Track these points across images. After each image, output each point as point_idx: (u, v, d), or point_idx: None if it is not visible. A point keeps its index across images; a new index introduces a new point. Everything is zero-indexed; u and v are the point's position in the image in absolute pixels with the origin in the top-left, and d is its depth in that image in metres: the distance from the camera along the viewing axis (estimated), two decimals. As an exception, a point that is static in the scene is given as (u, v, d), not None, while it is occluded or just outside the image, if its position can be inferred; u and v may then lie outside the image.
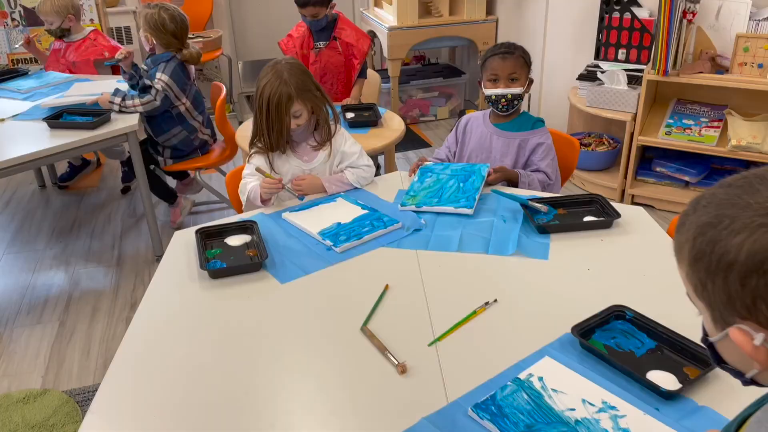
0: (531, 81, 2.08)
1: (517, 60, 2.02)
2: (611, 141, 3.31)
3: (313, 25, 2.94)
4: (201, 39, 4.28)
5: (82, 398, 2.05)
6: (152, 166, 2.95)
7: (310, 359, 1.29)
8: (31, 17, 3.99)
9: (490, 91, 2.03)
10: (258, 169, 1.90)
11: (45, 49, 3.58)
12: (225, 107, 2.91)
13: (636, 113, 3.01)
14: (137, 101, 2.67)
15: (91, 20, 4.03)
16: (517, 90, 2.01)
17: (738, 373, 0.69)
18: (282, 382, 1.23)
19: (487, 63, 2.05)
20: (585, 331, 1.29)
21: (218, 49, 4.42)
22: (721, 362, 0.70)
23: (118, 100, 2.65)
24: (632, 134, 3.02)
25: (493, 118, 2.14)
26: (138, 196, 3.48)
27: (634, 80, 3.06)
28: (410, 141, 4.07)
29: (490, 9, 4.13)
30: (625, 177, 3.13)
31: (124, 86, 2.85)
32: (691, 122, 3.00)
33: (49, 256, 2.93)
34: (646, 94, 2.95)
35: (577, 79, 3.25)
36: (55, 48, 3.38)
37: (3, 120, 2.67)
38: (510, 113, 2.08)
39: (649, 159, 3.21)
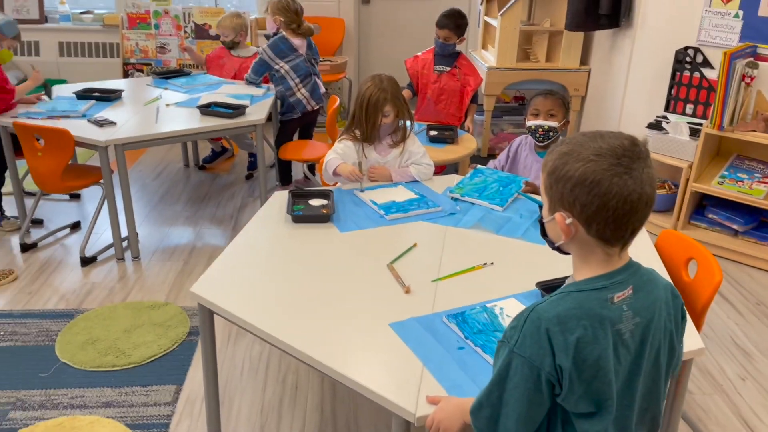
0: (567, 122, 2.53)
1: (556, 100, 2.49)
2: (672, 186, 3.60)
3: (439, 48, 3.55)
4: (329, 62, 5.03)
5: (191, 313, 2.71)
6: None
7: (351, 277, 1.83)
8: (199, 31, 4.95)
9: (530, 123, 2.51)
10: (359, 164, 2.46)
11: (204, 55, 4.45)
12: (336, 114, 3.56)
13: (693, 162, 3.31)
14: None
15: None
16: (553, 123, 2.48)
17: (551, 243, 1.15)
18: (332, 289, 1.78)
19: (532, 101, 2.54)
20: (547, 287, 1.72)
21: (342, 72, 5.16)
22: (545, 235, 1.16)
23: None
24: (687, 180, 3.32)
25: (536, 147, 2.61)
26: (258, 182, 4.22)
27: (695, 133, 3.36)
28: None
29: (584, 59, 4.55)
30: (678, 218, 3.41)
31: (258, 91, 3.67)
32: (744, 176, 3.25)
33: (184, 216, 3.70)
34: (704, 145, 3.25)
35: (645, 127, 3.59)
36: (217, 54, 4.23)
37: (169, 105, 3.48)
38: (546, 143, 2.54)
39: (705, 206, 3.47)
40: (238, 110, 3.32)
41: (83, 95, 3.52)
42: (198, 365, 2.41)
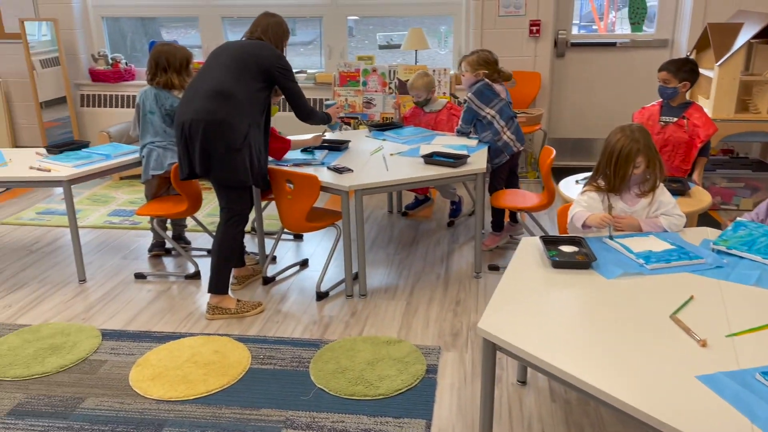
0: None
1: None
2: None
3: (661, 93, 3.49)
4: (525, 115, 5.11)
5: (425, 351, 2.82)
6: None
7: (633, 325, 1.82)
8: (402, 86, 5.27)
9: None
10: (610, 210, 2.48)
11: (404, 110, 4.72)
12: (551, 166, 3.59)
13: None
14: None
15: (444, 93, 5.16)
16: None
17: None
18: (616, 335, 1.78)
19: None
20: None
21: (537, 124, 5.21)
22: None
23: None
24: None
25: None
26: (460, 229, 4.35)
27: None
28: (707, 224, 4.27)
29: (814, 109, 4.21)
30: None
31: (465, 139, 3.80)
32: None
33: (397, 259, 3.89)
34: None
35: None
36: (412, 113, 4.49)
37: (393, 154, 3.73)
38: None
39: None
40: (460, 159, 3.47)
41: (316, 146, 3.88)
42: (442, 402, 2.49)
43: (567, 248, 2.33)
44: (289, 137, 3.68)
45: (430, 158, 3.54)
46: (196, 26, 5.86)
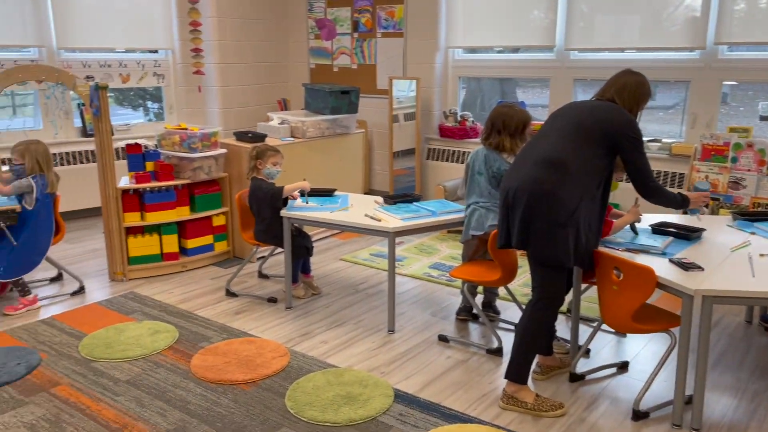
0: None
1: None
2: None
3: None
4: None
5: None
6: None
7: None
8: None
9: None
10: None
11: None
12: None
13: None
14: None
15: None
16: None
17: None
18: None
19: None
20: None
21: None
22: None
23: None
24: None
25: None
26: None
27: None
28: None
29: None
30: None
31: None
32: None
33: (751, 390, 3.00)
34: None
35: None
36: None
37: (763, 255, 2.90)
38: None
39: None
40: None
41: (659, 230, 3.27)
42: None
43: None
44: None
45: None
46: (549, 86, 5.72)
